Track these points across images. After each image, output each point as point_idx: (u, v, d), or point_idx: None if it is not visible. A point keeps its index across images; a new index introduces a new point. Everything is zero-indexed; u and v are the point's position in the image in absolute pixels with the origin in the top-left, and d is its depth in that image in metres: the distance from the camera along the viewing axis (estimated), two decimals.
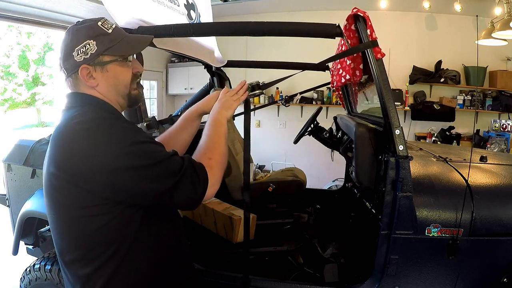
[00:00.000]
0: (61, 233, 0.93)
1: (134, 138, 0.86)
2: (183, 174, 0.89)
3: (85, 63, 0.92)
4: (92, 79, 0.95)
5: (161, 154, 0.89)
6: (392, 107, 1.35)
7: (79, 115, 0.89)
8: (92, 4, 3.51)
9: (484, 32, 3.48)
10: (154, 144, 0.92)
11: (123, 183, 0.84)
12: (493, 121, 4.38)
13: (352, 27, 1.51)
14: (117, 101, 1.01)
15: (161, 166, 0.87)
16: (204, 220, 2.20)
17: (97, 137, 0.84)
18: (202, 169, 0.94)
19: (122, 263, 0.91)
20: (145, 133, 0.96)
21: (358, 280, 1.51)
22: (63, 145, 0.86)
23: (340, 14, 1.43)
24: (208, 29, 1.57)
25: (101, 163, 0.82)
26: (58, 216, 0.91)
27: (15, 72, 13.82)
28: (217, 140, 1.06)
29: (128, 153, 0.83)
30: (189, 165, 0.92)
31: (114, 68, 0.96)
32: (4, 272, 2.82)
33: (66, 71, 0.95)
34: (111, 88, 0.98)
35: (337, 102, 4.64)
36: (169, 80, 5.72)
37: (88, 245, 0.89)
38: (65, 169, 0.84)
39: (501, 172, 1.69)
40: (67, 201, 0.87)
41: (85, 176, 0.83)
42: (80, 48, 0.91)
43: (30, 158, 1.96)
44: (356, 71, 1.73)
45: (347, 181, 2.69)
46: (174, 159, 0.91)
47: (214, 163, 0.99)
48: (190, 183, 0.90)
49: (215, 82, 2.70)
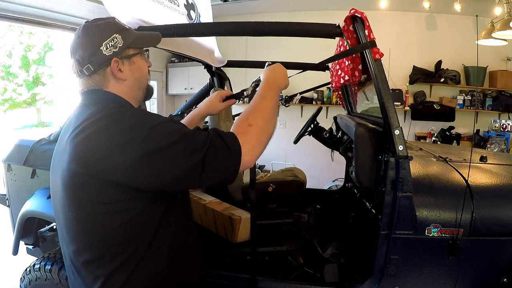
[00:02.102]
0: (78, 232, 0.91)
1: (153, 122, 0.85)
2: (209, 146, 0.85)
3: (115, 56, 0.93)
4: (120, 73, 0.96)
5: (182, 131, 0.86)
6: (391, 108, 1.35)
7: (101, 111, 0.89)
8: (92, 4, 3.51)
9: (484, 32, 3.48)
10: (174, 123, 0.90)
11: (151, 169, 0.82)
12: (493, 121, 4.38)
13: (350, 28, 1.51)
14: (138, 96, 1.03)
15: (184, 142, 0.84)
16: (204, 220, 2.20)
17: (119, 130, 0.83)
18: (232, 137, 0.88)
19: (141, 262, 0.91)
20: (162, 116, 0.95)
21: (358, 280, 1.51)
22: (86, 141, 0.84)
23: (340, 14, 1.43)
24: (208, 29, 1.57)
25: (126, 154, 0.81)
26: (79, 215, 0.89)
27: (16, 72, 13.83)
28: (266, 106, 0.98)
29: (149, 137, 0.82)
30: (215, 136, 0.87)
31: (138, 60, 1.00)
32: (4, 272, 2.82)
33: (94, 66, 0.92)
34: (136, 82, 1.00)
35: (337, 102, 4.64)
36: (169, 80, 5.73)
37: (108, 243, 0.89)
38: (90, 165, 0.83)
39: (501, 172, 1.69)
40: (89, 198, 0.86)
41: (112, 169, 0.82)
42: (109, 42, 0.92)
43: (30, 158, 1.96)
44: (355, 71, 1.73)
45: (347, 181, 2.69)
46: (198, 134, 0.87)
47: (252, 130, 0.91)
48: (220, 154, 0.85)
49: (215, 82, 2.70)
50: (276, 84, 1.08)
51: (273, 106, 1.00)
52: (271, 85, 1.06)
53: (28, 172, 1.97)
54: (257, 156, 0.92)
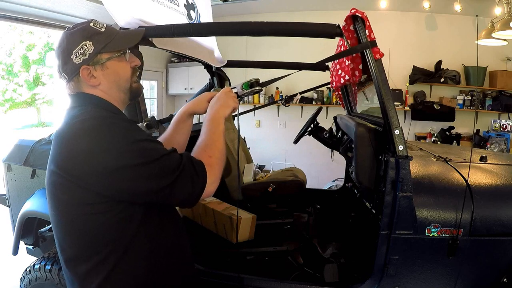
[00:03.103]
0: (62, 230, 0.94)
1: (134, 137, 0.87)
2: (181, 171, 0.89)
3: (84, 64, 0.94)
4: (93, 79, 0.96)
5: (159, 152, 0.89)
6: (391, 108, 1.35)
7: (80, 115, 0.91)
8: (92, 4, 3.51)
9: (484, 32, 3.48)
10: (153, 143, 0.93)
11: (123, 181, 0.84)
12: (493, 121, 4.37)
13: (350, 28, 1.51)
14: (119, 97, 1.03)
15: (160, 163, 0.87)
16: (204, 220, 2.20)
17: (98, 136, 0.85)
18: (201, 166, 0.94)
19: (119, 263, 0.91)
20: (144, 132, 0.97)
21: (358, 280, 1.51)
22: (64, 144, 0.87)
23: (340, 14, 1.43)
24: (208, 29, 1.57)
25: (101, 162, 0.83)
26: (59, 214, 0.92)
27: (17, 72, 13.83)
28: (216, 138, 1.05)
29: (127, 152, 0.84)
30: (188, 162, 0.92)
31: (113, 64, 0.98)
32: (4, 272, 2.82)
33: (67, 75, 0.96)
34: (113, 85, 1.00)
35: (337, 102, 4.64)
36: (169, 80, 5.72)
37: (88, 242, 0.90)
38: (66, 168, 0.85)
39: (501, 172, 1.69)
40: (68, 199, 0.88)
41: (86, 175, 0.83)
42: (78, 50, 0.93)
43: (30, 158, 1.96)
44: (356, 71, 1.73)
45: (347, 181, 2.69)
46: (173, 156, 0.91)
47: (214, 161, 0.98)
48: (189, 179, 0.90)
49: (215, 82, 2.70)
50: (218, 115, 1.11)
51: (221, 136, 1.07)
52: (214, 120, 1.10)
53: (28, 172, 1.98)
54: (216, 186, 0.98)
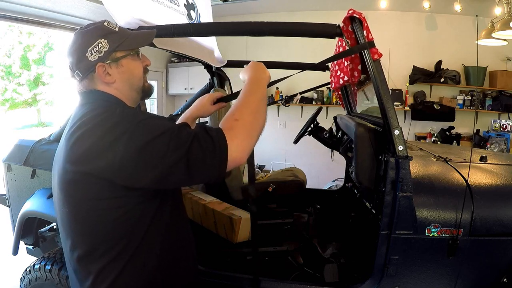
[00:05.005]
0: (72, 227, 0.94)
1: (139, 117, 0.87)
2: (193, 140, 0.83)
3: (100, 61, 0.95)
4: (108, 76, 0.97)
5: (166, 126, 0.86)
6: (390, 108, 1.35)
7: (93, 110, 0.91)
8: (92, 4, 3.51)
9: (484, 32, 3.48)
10: (160, 119, 0.92)
11: (137, 164, 0.82)
12: (493, 121, 4.37)
13: (349, 28, 1.51)
14: (131, 96, 1.04)
15: (168, 136, 0.83)
16: (204, 220, 2.20)
17: (106, 128, 0.85)
18: (218, 132, 0.86)
19: (132, 260, 0.92)
20: (152, 114, 0.97)
21: (358, 280, 1.51)
22: (79, 140, 0.87)
23: (340, 14, 1.42)
24: (208, 29, 1.57)
25: (113, 151, 0.82)
26: (72, 211, 0.91)
27: (17, 72, 13.83)
28: (252, 100, 0.96)
29: (134, 132, 0.82)
30: (201, 131, 0.86)
31: (127, 62, 1.00)
32: (4, 272, 2.82)
33: (81, 72, 0.96)
34: (126, 83, 1.01)
35: (337, 102, 4.64)
36: (169, 80, 5.73)
37: (101, 238, 0.91)
38: (82, 163, 0.85)
39: (501, 172, 1.69)
40: (83, 195, 0.88)
41: (101, 168, 0.83)
42: (93, 47, 0.94)
43: (30, 158, 1.96)
44: (354, 72, 1.72)
45: (347, 181, 2.69)
46: (183, 129, 0.87)
47: (239, 124, 0.88)
48: (204, 147, 0.83)
49: (215, 82, 2.70)
50: (259, 77, 1.06)
51: (260, 99, 0.98)
52: (254, 79, 1.05)
53: (28, 172, 1.97)
54: (247, 151, 0.88)
